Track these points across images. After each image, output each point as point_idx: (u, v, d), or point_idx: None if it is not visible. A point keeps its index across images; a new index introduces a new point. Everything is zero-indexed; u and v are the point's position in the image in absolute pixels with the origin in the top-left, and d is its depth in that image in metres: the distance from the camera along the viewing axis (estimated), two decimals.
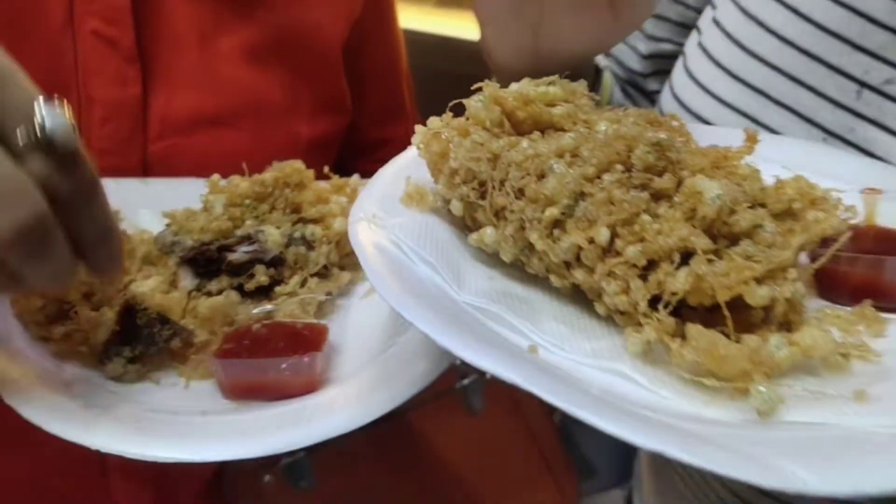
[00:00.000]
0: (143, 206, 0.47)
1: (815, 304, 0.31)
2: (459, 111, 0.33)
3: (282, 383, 0.36)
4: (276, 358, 0.36)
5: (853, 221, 0.31)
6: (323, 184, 0.48)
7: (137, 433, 0.33)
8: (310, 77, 0.57)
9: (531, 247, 0.30)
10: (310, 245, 0.43)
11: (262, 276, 0.42)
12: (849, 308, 0.30)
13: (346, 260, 0.45)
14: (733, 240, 0.28)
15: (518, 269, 0.32)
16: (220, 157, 0.52)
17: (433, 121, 0.33)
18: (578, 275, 0.29)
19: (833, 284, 0.31)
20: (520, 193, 0.30)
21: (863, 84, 0.39)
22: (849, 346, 0.28)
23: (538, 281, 0.31)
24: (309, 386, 0.37)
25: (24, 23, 0.49)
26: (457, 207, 0.32)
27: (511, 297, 0.30)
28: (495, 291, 0.30)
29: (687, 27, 0.51)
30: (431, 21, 1.15)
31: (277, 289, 0.42)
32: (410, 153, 0.36)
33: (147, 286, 0.41)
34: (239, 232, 0.42)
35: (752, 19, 0.43)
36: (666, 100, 0.48)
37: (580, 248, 0.28)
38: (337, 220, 0.45)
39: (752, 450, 0.22)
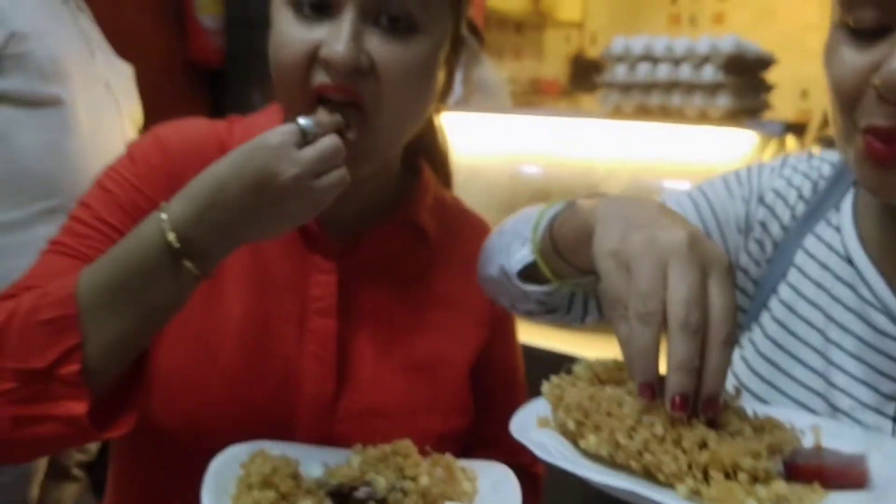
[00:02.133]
0: (316, 460, 0.69)
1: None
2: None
3: None
4: None
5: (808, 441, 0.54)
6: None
7: None
8: (444, 387, 0.81)
9: (617, 445, 0.52)
10: (405, 493, 0.65)
11: None
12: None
13: None
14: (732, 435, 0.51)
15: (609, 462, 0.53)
16: (380, 438, 0.72)
17: (554, 379, 0.57)
18: (647, 457, 0.51)
19: (795, 472, 0.52)
20: (608, 415, 0.53)
21: None
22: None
23: (622, 468, 0.53)
24: None
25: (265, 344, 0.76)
26: (570, 425, 0.54)
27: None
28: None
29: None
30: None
31: None
32: (539, 401, 0.59)
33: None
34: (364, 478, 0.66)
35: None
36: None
37: (647, 440, 0.51)
38: (423, 478, 0.66)
39: None
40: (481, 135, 2.35)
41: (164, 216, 0.61)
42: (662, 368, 0.51)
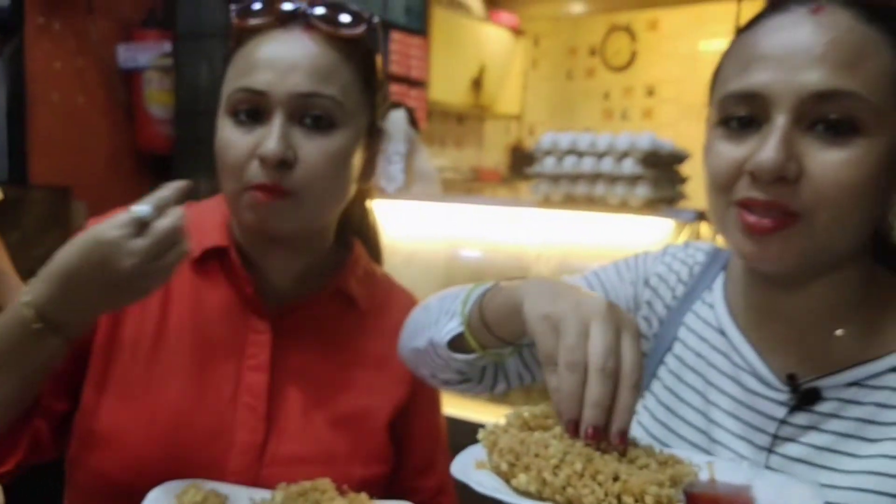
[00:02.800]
0: (243, 497, 0.79)
1: None
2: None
3: None
4: None
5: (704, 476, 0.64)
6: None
7: None
8: (365, 438, 0.91)
9: (544, 482, 0.60)
10: None
11: None
12: None
13: None
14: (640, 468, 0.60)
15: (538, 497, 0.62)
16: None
17: (489, 426, 0.66)
18: (570, 491, 0.59)
19: (693, 501, 0.62)
20: (536, 456, 0.62)
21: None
22: None
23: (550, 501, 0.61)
24: None
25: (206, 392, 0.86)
26: (504, 466, 0.63)
27: None
28: None
29: None
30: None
31: None
32: (476, 447, 0.67)
33: None
34: None
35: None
36: None
37: (569, 475, 0.59)
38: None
39: None
40: (421, 220, 2.47)
41: (27, 298, 0.73)
42: None
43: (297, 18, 0.84)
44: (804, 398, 0.72)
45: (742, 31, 0.72)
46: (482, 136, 6.29)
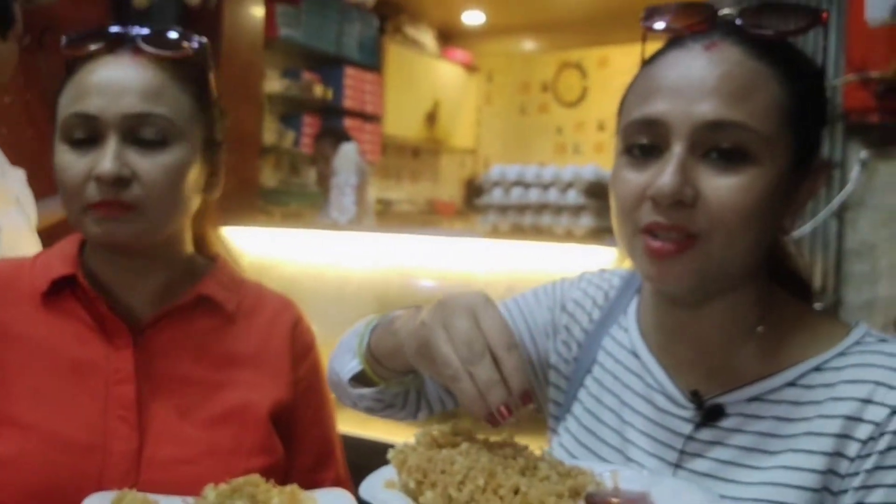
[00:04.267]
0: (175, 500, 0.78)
1: None
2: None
3: None
4: None
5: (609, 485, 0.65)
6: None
7: None
8: (246, 432, 0.92)
9: (450, 498, 0.61)
10: None
11: None
12: None
13: None
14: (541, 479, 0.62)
15: None
16: (188, 485, 0.80)
17: (398, 445, 0.67)
18: None
19: None
20: (442, 472, 0.63)
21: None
22: None
23: None
24: None
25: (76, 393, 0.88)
26: (412, 484, 0.64)
27: None
28: None
29: None
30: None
31: None
32: (386, 468, 0.68)
33: None
34: None
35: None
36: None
37: (472, 490, 0.61)
38: (274, 500, 0.76)
39: None
40: (374, 251, 2.49)
41: None
42: None
43: (125, 43, 0.89)
44: (708, 414, 0.75)
45: (645, 65, 0.76)
46: (438, 169, 6.35)
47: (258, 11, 3.58)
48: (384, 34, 5.24)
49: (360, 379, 0.86)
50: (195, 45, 0.91)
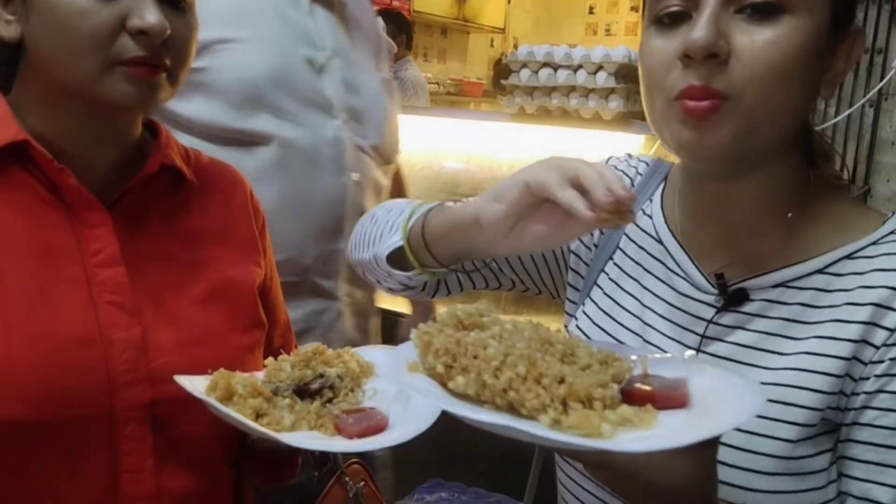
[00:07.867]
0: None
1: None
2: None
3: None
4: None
5: (637, 371, 0.64)
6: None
7: None
8: (238, 308, 0.91)
9: (484, 384, 0.58)
10: (341, 378, 0.84)
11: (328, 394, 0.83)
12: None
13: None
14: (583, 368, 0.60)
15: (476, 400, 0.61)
16: (195, 368, 0.81)
17: (422, 326, 0.64)
18: (511, 395, 0.57)
19: (629, 397, 0.63)
20: (475, 358, 0.61)
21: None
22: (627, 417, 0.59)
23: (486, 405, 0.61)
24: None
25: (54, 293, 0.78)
26: (440, 368, 0.62)
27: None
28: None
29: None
30: None
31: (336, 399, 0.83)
32: (403, 347, 0.67)
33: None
34: (310, 375, 0.83)
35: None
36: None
37: (511, 379, 0.57)
38: (351, 363, 0.86)
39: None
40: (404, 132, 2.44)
41: None
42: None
43: None
44: (732, 299, 0.74)
45: None
46: (466, 48, 6.16)
47: None
48: None
49: (392, 259, 0.84)
50: None
